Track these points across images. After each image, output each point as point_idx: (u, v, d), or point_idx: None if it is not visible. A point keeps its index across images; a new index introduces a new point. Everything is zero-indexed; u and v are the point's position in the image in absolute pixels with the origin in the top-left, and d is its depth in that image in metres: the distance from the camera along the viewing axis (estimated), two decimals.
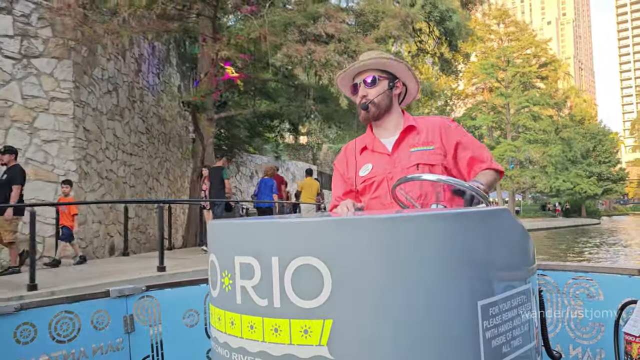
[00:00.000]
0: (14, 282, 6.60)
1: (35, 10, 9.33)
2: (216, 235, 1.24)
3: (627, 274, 1.94)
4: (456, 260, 1.04)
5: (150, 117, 14.27)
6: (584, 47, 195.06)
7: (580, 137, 49.66)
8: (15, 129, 9.06)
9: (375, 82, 1.93)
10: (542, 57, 46.52)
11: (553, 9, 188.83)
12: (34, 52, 9.30)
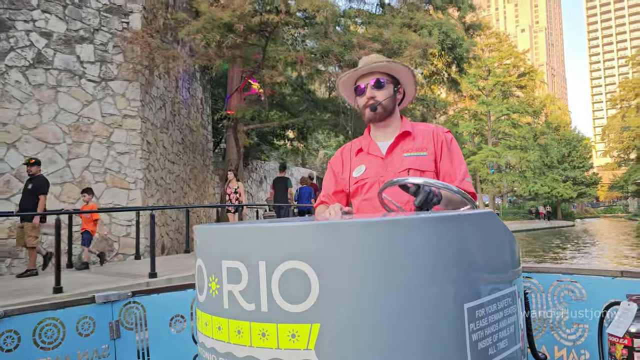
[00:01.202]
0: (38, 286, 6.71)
1: (111, 40, 10.72)
2: (203, 240, 1.23)
3: (610, 276, 1.97)
4: (443, 263, 1.05)
5: (184, 129, 15.68)
6: (556, 54, 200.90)
7: (556, 143, 52.29)
8: (96, 142, 10.44)
9: (383, 85, 1.96)
10: (521, 67, 48.95)
11: (526, 18, 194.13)
12: (110, 76, 10.69)
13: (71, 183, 10.06)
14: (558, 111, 63.16)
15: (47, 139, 9.83)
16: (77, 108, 10.21)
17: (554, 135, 52.61)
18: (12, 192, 9.33)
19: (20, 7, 9.57)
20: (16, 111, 9.43)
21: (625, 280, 1.93)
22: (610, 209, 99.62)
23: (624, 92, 62.15)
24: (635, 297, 1.78)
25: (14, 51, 9.48)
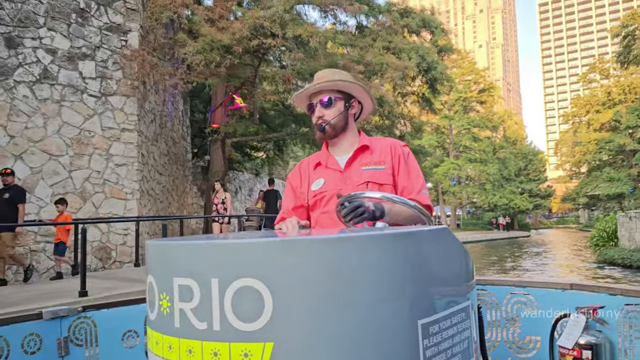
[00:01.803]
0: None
1: (110, 57, 11.23)
2: (154, 256, 1.18)
3: (560, 288, 2.00)
4: (397, 280, 1.04)
5: (168, 141, 16.17)
6: (512, 70, 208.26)
7: (513, 157, 54.61)
8: (97, 155, 10.91)
9: (332, 103, 1.94)
10: (481, 84, 51.08)
11: (484, 34, 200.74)
12: (110, 91, 11.19)
13: (73, 194, 10.49)
14: (515, 126, 65.94)
15: (52, 151, 10.25)
16: (79, 122, 10.67)
17: (512, 149, 54.98)
18: None
19: (29, 25, 10.00)
20: (23, 124, 9.84)
21: (575, 292, 1.98)
22: (563, 220, 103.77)
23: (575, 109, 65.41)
24: (584, 309, 1.85)
25: (22, 67, 9.90)
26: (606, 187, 53.44)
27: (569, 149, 64.68)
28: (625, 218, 20.72)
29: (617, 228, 21.33)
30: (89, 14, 10.94)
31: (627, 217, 20.53)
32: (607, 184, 53.70)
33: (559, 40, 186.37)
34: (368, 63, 12.94)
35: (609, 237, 21.76)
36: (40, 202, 9.93)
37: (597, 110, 59.20)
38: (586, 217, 78.04)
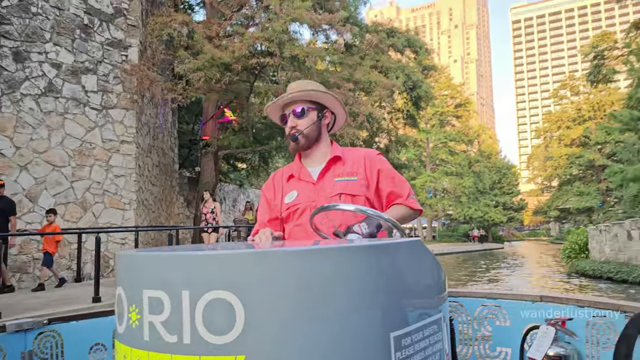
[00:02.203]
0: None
1: (112, 71, 11.60)
2: (124, 267, 1.17)
3: (530, 300, 2.03)
4: (370, 292, 1.04)
5: (159, 152, 16.50)
6: (485, 84, 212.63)
7: (488, 171, 55.98)
8: (97, 166, 11.23)
9: (304, 113, 1.94)
10: (458, 99, 52.41)
11: (458, 49, 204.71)
12: (110, 104, 11.55)
13: (74, 203, 10.79)
14: (489, 140, 67.64)
15: (55, 162, 10.55)
16: (81, 134, 11.00)
17: (486, 163, 56.37)
18: (23, 212, 9.97)
19: (35, 40, 10.33)
20: (29, 136, 10.13)
21: (545, 304, 2.01)
22: (534, 232, 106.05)
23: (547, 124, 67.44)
24: (553, 321, 1.88)
25: (29, 80, 10.21)
26: (576, 201, 55.12)
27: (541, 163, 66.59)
28: (596, 231, 21.72)
29: (588, 241, 22.32)
30: (92, 29, 11.31)
31: (598, 230, 21.52)
32: (577, 198, 55.39)
33: (531, 57, 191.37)
34: (357, 81, 13.56)
35: (581, 249, 22.73)
36: (42, 211, 10.18)
37: (568, 126, 61.19)
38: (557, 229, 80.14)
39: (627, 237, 18.37)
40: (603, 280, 17.45)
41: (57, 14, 10.67)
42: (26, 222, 9.90)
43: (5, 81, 9.75)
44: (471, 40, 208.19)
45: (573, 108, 61.91)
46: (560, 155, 59.25)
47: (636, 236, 17.73)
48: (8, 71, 9.81)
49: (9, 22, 9.88)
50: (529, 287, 16.32)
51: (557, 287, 16.24)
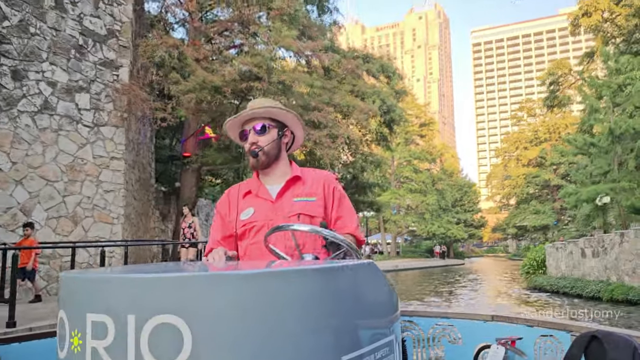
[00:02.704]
0: None
1: (103, 90, 12.03)
2: (67, 290, 1.11)
3: (482, 320, 2.12)
4: (321, 315, 1.03)
5: (140, 167, 16.85)
6: (447, 104, 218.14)
7: (450, 188, 57.75)
8: (88, 181, 11.59)
9: (265, 130, 1.93)
10: (422, 118, 54.09)
11: (421, 69, 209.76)
12: (101, 122, 11.95)
13: (65, 217, 11.11)
14: (451, 159, 69.65)
15: (48, 177, 10.87)
16: (73, 150, 11.36)
17: (449, 181, 58.16)
18: (18, 225, 10.24)
19: (33, 59, 10.70)
20: (24, 151, 10.44)
21: (496, 324, 2.06)
22: (492, 249, 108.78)
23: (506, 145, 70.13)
24: (504, 340, 1.93)
25: (26, 98, 10.55)
26: (533, 219, 57.38)
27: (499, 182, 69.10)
28: (553, 249, 23.04)
29: (546, 257, 23.63)
30: (86, 49, 11.74)
31: (554, 247, 22.86)
32: (534, 216, 57.68)
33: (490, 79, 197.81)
34: (336, 105, 14.35)
35: (539, 265, 24.01)
36: (36, 225, 10.48)
37: (525, 147, 63.86)
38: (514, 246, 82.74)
39: (581, 255, 19.65)
40: (559, 295, 18.60)
41: (53, 35, 11.07)
42: (19, 235, 10.16)
43: (4, 98, 10.08)
44: (433, 60, 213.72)
45: (530, 130, 64.69)
46: (518, 174, 61.72)
47: (589, 254, 19.01)
48: (7, 89, 10.15)
49: (9, 42, 10.24)
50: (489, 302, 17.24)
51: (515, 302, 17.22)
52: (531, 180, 59.14)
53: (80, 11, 11.65)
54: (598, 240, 18.51)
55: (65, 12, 11.34)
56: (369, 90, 15.30)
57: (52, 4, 11.07)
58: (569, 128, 54.14)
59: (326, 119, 13.32)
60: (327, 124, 13.39)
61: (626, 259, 15.74)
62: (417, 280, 26.65)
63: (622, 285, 15.22)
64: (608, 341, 1.58)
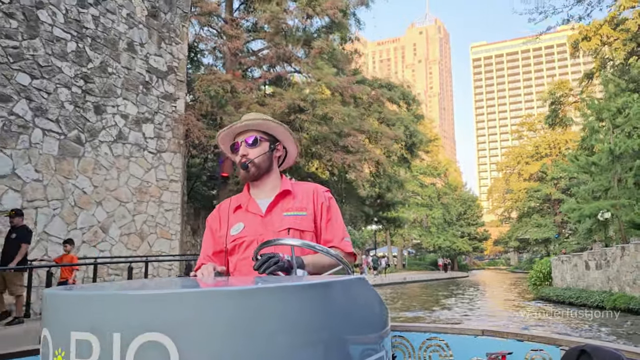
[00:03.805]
0: None
1: (164, 120, 13.60)
2: (51, 307, 1.09)
3: (473, 334, 2.12)
4: (312, 331, 1.02)
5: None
6: (447, 118, 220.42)
7: (454, 202, 59.27)
8: (152, 202, 13.11)
9: (257, 143, 1.92)
10: (428, 134, 55.72)
11: (422, 83, 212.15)
12: (163, 148, 13.51)
13: (134, 234, 12.61)
14: (455, 173, 71.31)
15: (121, 199, 12.39)
16: (140, 174, 12.90)
17: (453, 195, 59.70)
18: (98, 241, 11.74)
19: (110, 96, 12.26)
20: (103, 176, 11.96)
21: (486, 338, 2.09)
22: (493, 262, 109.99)
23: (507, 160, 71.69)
24: (494, 355, 1.96)
25: (104, 129, 12.09)
26: (535, 232, 58.69)
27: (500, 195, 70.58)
28: (558, 261, 24.49)
29: (552, 270, 25.07)
30: (151, 85, 13.33)
31: (560, 260, 24.31)
32: (535, 229, 58.96)
33: (490, 93, 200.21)
34: (366, 131, 15.92)
35: (545, 277, 25.44)
36: (112, 240, 11.98)
37: (527, 162, 65.37)
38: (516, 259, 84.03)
39: (585, 267, 21.11)
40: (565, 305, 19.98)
41: (126, 73, 12.66)
42: (100, 250, 11.66)
43: (88, 130, 11.62)
44: (434, 74, 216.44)
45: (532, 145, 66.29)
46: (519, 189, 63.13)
47: (593, 266, 20.45)
48: (90, 122, 11.69)
49: (92, 81, 11.80)
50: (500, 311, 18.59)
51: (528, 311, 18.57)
52: (533, 195, 60.40)
53: (147, 51, 13.26)
54: (601, 253, 19.94)
55: (135, 53, 12.94)
56: (393, 117, 16.90)
57: (125, 46, 12.67)
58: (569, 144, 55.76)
59: (358, 145, 14.85)
60: (358, 149, 14.93)
61: (627, 270, 17.16)
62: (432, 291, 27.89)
63: (623, 295, 16.60)
64: (597, 355, 1.59)
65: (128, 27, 12.76)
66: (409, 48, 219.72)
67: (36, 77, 10.56)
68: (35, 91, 10.52)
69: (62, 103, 11.05)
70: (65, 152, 11.05)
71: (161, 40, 13.67)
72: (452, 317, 15.32)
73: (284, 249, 1.71)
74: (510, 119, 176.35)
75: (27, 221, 10.02)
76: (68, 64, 11.23)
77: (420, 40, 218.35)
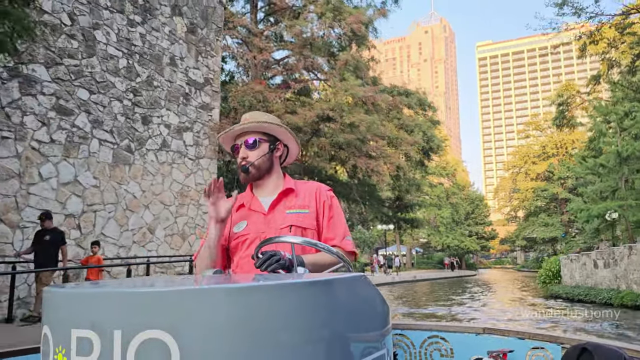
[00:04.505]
0: None
1: (202, 129, 14.61)
2: (52, 304, 1.09)
3: (474, 333, 2.11)
4: (313, 329, 1.01)
5: None
6: (453, 116, 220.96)
7: (462, 202, 60.11)
8: (192, 205, 14.13)
9: (256, 145, 1.93)
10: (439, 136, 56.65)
11: (427, 82, 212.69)
12: (201, 155, 14.53)
13: (177, 235, 13.63)
14: (462, 173, 72.18)
15: (165, 202, 13.41)
16: (182, 179, 13.92)
17: (461, 195, 60.55)
18: (146, 241, 12.76)
19: (155, 107, 13.28)
20: (150, 182, 12.98)
21: (487, 337, 2.09)
22: (500, 260, 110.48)
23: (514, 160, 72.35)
24: (495, 353, 1.97)
25: (151, 138, 13.12)
26: (542, 231, 59.38)
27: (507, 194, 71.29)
28: (567, 260, 25.36)
29: (561, 268, 25.94)
30: (190, 96, 14.35)
31: (569, 259, 25.18)
32: (542, 228, 59.62)
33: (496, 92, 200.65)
34: (386, 137, 16.88)
35: (554, 275, 26.30)
36: (158, 241, 13.01)
37: (534, 161, 66.07)
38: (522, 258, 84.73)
39: (594, 266, 21.98)
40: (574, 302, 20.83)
41: (169, 86, 13.68)
42: (147, 250, 12.68)
43: (137, 139, 12.64)
44: (439, 73, 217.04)
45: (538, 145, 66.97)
46: (526, 188, 63.85)
47: (601, 265, 21.31)
48: (138, 132, 12.71)
49: (140, 94, 12.82)
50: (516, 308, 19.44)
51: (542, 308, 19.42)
52: (540, 194, 61.13)
53: (186, 65, 14.28)
54: (609, 252, 20.80)
55: (176, 66, 13.96)
56: (411, 124, 17.89)
57: (167, 61, 13.69)
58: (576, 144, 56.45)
59: (380, 150, 15.82)
60: (380, 154, 15.89)
61: (634, 269, 18.01)
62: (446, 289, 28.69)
63: (631, 292, 17.44)
64: (598, 353, 1.59)
65: (170, 43, 13.78)
66: (415, 47, 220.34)
67: (93, 92, 11.59)
68: (93, 105, 11.55)
69: (115, 115, 12.08)
70: (118, 160, 12.08)
71: (198, 54, 14.68)
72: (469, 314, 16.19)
73: (285, 247, 1.70)
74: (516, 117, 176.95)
75: (86, 224, 11.11)
76: (120, 79, 12.25)
77: (425, 40, 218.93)
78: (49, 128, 10.61)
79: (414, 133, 17.36)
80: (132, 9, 12.68)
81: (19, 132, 10.05)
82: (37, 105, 10.41)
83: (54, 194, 10.57)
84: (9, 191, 9.80)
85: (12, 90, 9.94)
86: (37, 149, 10.35)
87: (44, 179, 10.42)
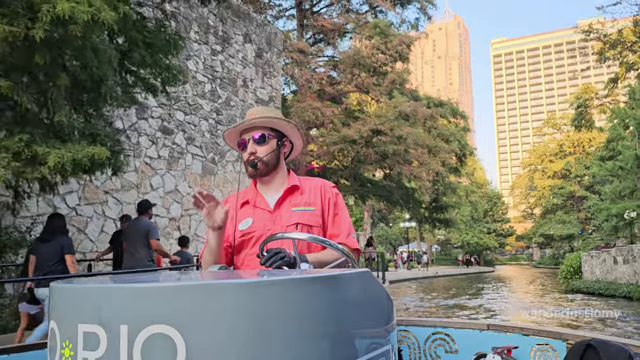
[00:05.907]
0: None
1: None
2: (59, 300, 1.10)
3: (478, 329, 2.11)
4: (318, 324, 1.02)
5: None
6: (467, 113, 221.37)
7: (480, 200, 61.68)
8: None
9: (265, 140, 1.92)
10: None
11: (441, 79, 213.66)
12: None
13: None
14: (479, 171, 73.55)
15: None
16: None
17: (480, 193, 62.13)
18: None
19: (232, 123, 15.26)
20: (230, 189, 15.00)
21: (491, 333, 2.09)
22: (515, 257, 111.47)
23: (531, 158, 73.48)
24: (500, 349, 1.97)
25: (229, 152, 15.15)
26: (559, 228, 60.67)
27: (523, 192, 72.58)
28: (588, 256, 27.00)
29: (582, 264, 27.58)
30: None
31: (590, 255, 26.83)
32: (559, 226, 60.88)
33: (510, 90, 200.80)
34: (426, 146, 18.78)
35: (575, 271, 27.91)
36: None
37: (551, 160, 67.29)
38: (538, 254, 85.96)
39: (613, 262, 23.63)
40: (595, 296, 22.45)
41: (242, 105, 15.70)
42: None
43: (219, 153, 14.68)
44: (453, 70, 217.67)
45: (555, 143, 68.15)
46: (544, 186, 65.15)
47: (620, 261, 22.95)
48: (220, 146, 14.75)
49: (221, 114, 14.86)
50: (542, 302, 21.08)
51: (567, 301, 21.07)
52: (557, 192, 62.37)
53: (255, 85, 16.29)
54: (628, 249, 22.45)
55: (248, 87, 15.98)
56: (446, 133, 19.77)
57: (241, 83, 15.72)
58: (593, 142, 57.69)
59: (422, 158, 17.68)
60: (422, 162, 17.75)
61: None
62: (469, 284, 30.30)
63: None
64: (603, 350, 1.58)
65: (243, 67, 15.80)
66: (428, 44, 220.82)
67: (187, 114, 13.64)
68: (187, 124, 13.61)
69: (203, 132, 14.13)
70: (206, 171, 14.13)
71: (264, 75, 16.68)
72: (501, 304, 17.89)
73: (290, 245, 1.72)
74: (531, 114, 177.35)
75: (183, 226, 13.18)
76: (206, 101, 14.30)
77: (439, 37, 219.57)
78: (157, 146, 12.68)
79: (451, 142, 19.25)
80: (214, 40, 14.70)
81: (136, 150, 12.12)
82: (148, 127, 12.48)
83: (161, 201, 12.64)
84: (130, 199, 11.87)
85: (131, 115, 12.01)
86: (149, 164, 12.42)
87: (154, 189, 12.50)
